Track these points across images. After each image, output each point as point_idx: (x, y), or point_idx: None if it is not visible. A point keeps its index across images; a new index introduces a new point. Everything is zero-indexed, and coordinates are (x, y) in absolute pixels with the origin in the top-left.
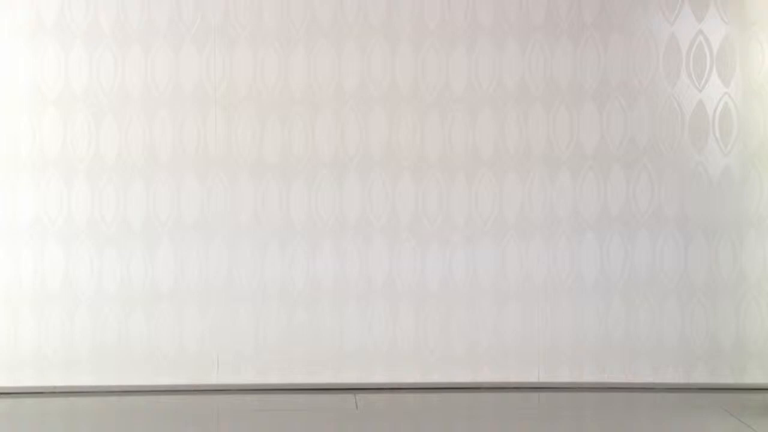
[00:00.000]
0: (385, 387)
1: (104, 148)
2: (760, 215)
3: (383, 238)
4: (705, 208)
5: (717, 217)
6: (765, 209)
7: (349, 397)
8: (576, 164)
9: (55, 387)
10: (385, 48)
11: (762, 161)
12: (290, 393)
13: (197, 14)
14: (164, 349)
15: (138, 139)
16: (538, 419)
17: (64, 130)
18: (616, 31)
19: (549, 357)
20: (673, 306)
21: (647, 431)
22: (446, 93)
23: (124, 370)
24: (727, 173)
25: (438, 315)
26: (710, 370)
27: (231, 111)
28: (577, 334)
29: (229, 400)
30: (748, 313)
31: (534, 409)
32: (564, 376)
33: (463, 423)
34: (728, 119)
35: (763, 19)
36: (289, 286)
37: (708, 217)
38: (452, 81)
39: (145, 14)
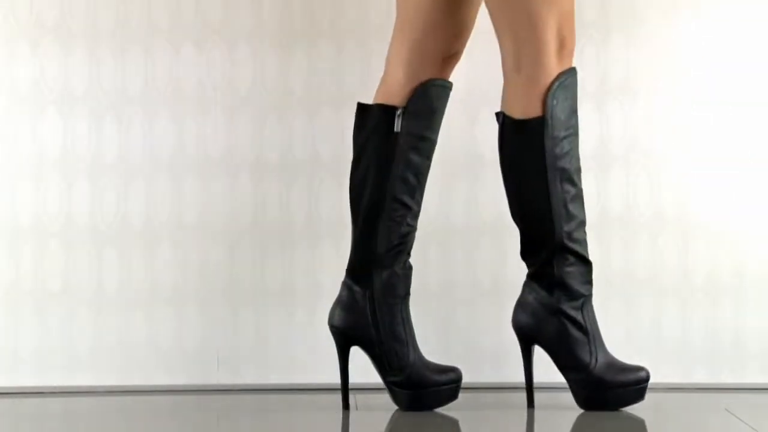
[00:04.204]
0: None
1: (104, 148)
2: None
3: None
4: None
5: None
6: None
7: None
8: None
9: (55, 387)
10: (385, 49)
11: None
12: (290, 393)
13: (197, 14)
14: (164, 349)
15: (138, 139)
16: (538, 419)
17: (64, 130)
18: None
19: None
20: (674, 306)
21: (647, 431)
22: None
23: (124, 370)
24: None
25: (438, 315)
26: (710, 370)
27: (231, 111)
28: None
29: (229, 400)
30: (748, 313)
31: (534, 409)
32: None
33: (463, 423)
34: None
35: None
36: (289, 286)
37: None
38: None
39: (145, 14)
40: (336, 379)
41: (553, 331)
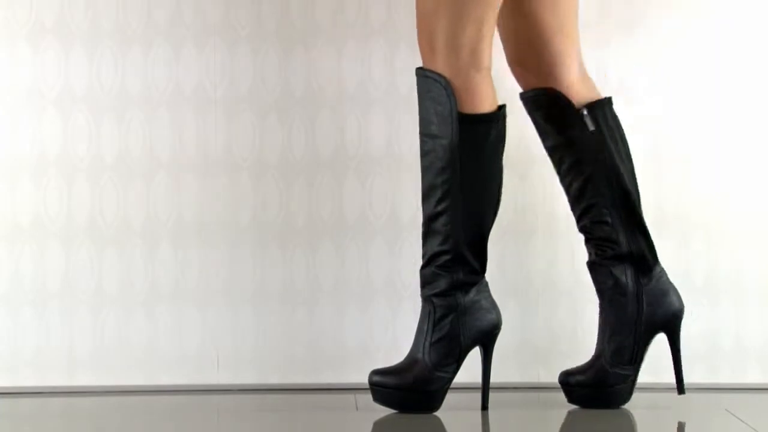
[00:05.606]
0: None
1: (104, 148)
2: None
3: (383, 237)
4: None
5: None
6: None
7: (349, 397)
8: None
9: (55, 387)
10: (385, 49)
11: None
12: (290, 393)
13: (197, 14)
14: (164, 349)
15: (138, 139)
16: (538, 419)
17: (64, 130)
18: None
19: (549, 357)
20: None
21: (647, 431)
22: None
23: (124, 370)
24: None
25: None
26: (710, 370)
27: (231, 111)
28: (578, 334)
29: (229, 400)
30: (749, 313)
31: (534, 410)
32: None
33: (464, 423)
34: None
35: None
36: (289, 286)
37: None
38: None
39: (145, 14)
40: (336, 379)
41: None
